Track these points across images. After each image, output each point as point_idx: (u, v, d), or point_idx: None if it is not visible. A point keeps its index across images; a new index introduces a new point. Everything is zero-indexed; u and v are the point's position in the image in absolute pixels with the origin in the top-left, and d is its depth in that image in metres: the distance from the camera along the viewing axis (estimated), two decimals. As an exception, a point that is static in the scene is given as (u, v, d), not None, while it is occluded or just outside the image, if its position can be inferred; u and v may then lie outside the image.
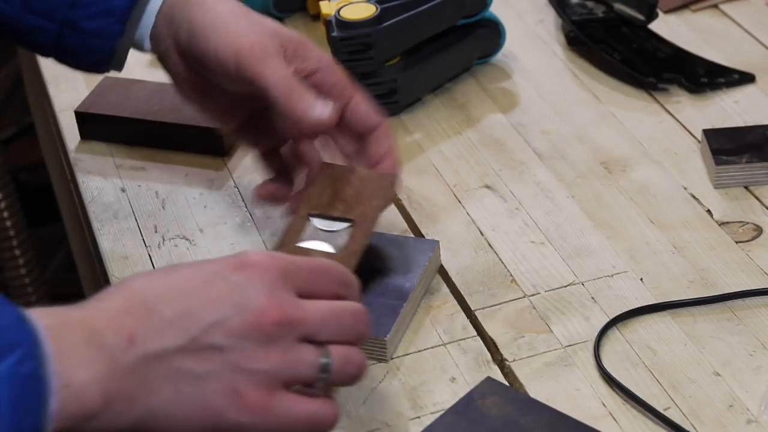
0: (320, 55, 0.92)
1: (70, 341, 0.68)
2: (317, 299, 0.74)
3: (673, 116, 1.12)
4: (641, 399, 0.83)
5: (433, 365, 0.87)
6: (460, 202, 1.03)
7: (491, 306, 0.92)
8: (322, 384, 0.73)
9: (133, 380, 0.69)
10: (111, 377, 0.68)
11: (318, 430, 0.73)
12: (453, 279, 0.95)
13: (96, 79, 1.19)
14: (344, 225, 0.89)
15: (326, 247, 0.87)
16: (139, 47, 0.97)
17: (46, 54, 0.99)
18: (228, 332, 0.70)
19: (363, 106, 0.93)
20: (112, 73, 1.19)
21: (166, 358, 0.70)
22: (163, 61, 0.96)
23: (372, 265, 0.93)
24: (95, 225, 1.03)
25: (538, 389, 0.85)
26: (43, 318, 0.68)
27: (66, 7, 0.94)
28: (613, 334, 0.89)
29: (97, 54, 0.96)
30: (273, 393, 0.71)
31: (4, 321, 0.66)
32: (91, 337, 0.68)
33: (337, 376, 0.73)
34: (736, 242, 0.97)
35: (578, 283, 0.94)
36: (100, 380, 0.68)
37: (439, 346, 0.89)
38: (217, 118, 0.98)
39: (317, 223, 0.90)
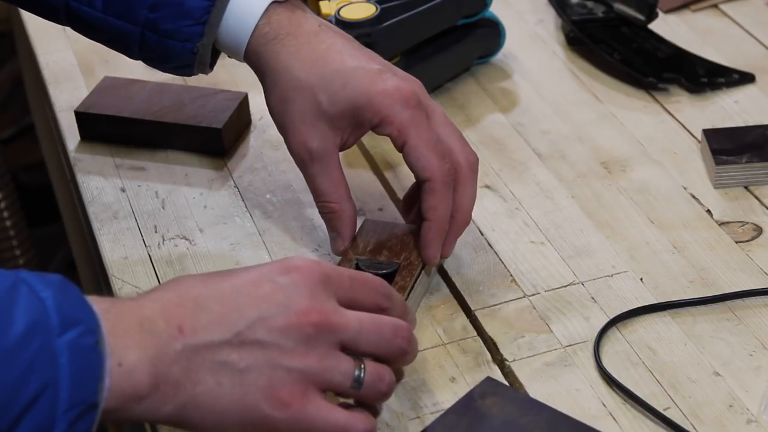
0: (372, 116, 0.90)
1: (124, 324, 0.72)
2: (358, 309, 0.77)
3: (673, 116, 1.12)
4: (641, 399, 0.83)
5: (433, 365, 0.87)
6: (460, 202, 1.03)
7: (491, 306, 0.92)
8: (351, 394, 0.76)
9: (180, 367, 0.72)
10: (160, 362, 0.71)
11: None
12: (453, 279, 0.95)
13: (96, 79, 1.19)
14: (391, 269, 0.90)
15: None
16: (235, 56, 0.96)
17: (133, 56, 0.98)
18: (270, 329, 0.73)
19: (411, 158, 0.90)
20: (113, 73, 1.20)
21: (212, 350, 0.73)
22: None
23: (376, 258, 0.93)
24: (95, 225, 1.03)
25: (538, 389, 0.85)
26: (97, 302, 0.71)
27: (147, 10, 0.94)
28: (613, 334, 0.89)
29: (179, 56, 0.96)
30: (307, 393, 0.74)
31: (69, 298, 0.70)
32: (143, 323, 0.72)
33: (367, 390, 0.76)
34: (736, 242, 0.97)
35: (578, 283, 0.94)
36: (150, 363, 0.71)
37: (439, 346, 0.89)
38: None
39: (363, 265, 0.91)
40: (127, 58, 0.99)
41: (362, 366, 0.75)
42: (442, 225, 0.90)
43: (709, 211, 1.00)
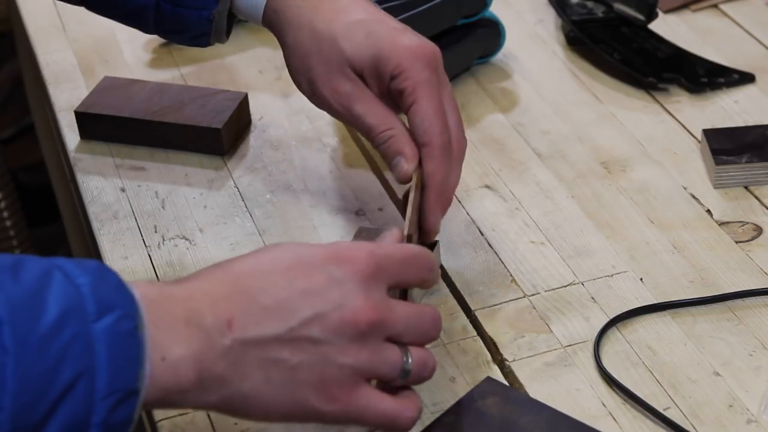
0: (393, 68, 0.89)
1: (170, 316, 0.70)
2: (404, 286, 0.78)
3: (673, 116, 1.12)
4: (641, 399, 0.83)
5: (433, 365, 0.87)
6: (460, 202, 1.03)
7: (491, 306, 0.92)
8: (398, 383, 0.76)
9: (227, 362, 0.71)
10: (206, 357, 0.70)
11: (396, 428, 0.76)
12: (453, 279, 0.95)
13: (96, 79, 1.19)
14: None
15: None
16: (253, 19, 0.96)
17: (148, 30, 0.98)
18: (324, 327, 0.73)
19: (416, 119, 0.89)
20: (113, 73, 1.20)
21: (263, 346, 0.72)
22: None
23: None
24: (95, 225, 1.03)
25: (538, 389, 0.85)
26: (144, 290, 0.70)
27: None
28: (613, 334, 0.89)
29: (195, 25, 0.95)
30: (357, 387, 0.74)
31: (106, 284, 0.68)
32: (191, 316, 0.71)
33: (414, 377, 0.77)
34: (736, 242, 0.97)
35: (578, 283, 0.94)
36: (196, 358, 0.70)
37: (439, 346, 0.89)
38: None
39: None
40: (127, 58, 0.99)
41: (408, 354, 0.76)
42: (440, 191, 0.89)
43: (709, 211, 1.00)
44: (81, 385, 0.66)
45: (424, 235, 0.90)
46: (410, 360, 0.76)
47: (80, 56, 1.25)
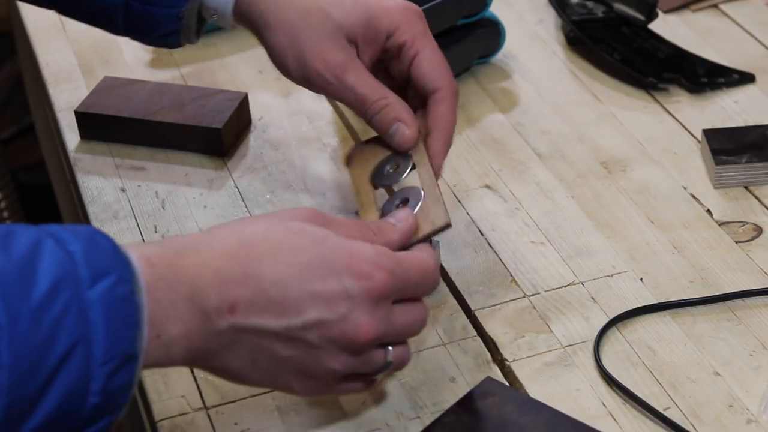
0: (389, 24, 0.91)
1: (175, 294, 0.71)
2: (409, 298, 0.79)
3: (673, 116, 1.12)
4: (641, 399, 0.83)
5: (433, 365, 0.87)
6: (460, 202, 1.03)
7: (491, 306, 0.92)
8: (377, 379, 0.79)
9: (219, 342, 0.73)
10: (200, 336, 0.72)
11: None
12: (453, 279, 0.95)
13: (96, 79, 1.19)
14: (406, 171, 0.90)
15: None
16: (223, 15, 0.96)
17: (117, 30, 0.99)
18: (324, 335, 0.74)
19: (423, 67, 0.91)
20: (113, 73, 1.20)
21: (258, 335, 0.73)
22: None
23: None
24: (95, 225, 1.03)
25: (538, 389, 0.85)
26: (154, 260, 0.70)
27: None
28: (613, 334, 0.89)
29: (164, 23, 0.96)
30: (336, 383, 0.77)
31: (100, 250, 0.68)
32: (195, 295, 0.71)
33: (391, 370, 0.79)
34: (736, 242, 0.97)
35: (578, 283, 0.94)
36: (190, 337, 0.71)
37: (439, 346, 0.89)
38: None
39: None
40: (127, 58, 0.99)
41: (389, 353, 0.78)
42: (450, 133, 0.91)
43: (709, 211, 1.00)
44: (77, 354, 0.65)
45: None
46: (390, 359, 0.78)
47: (80, 56, 1.26)
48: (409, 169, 0.90)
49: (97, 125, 1.13)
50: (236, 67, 1.23)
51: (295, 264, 0.74)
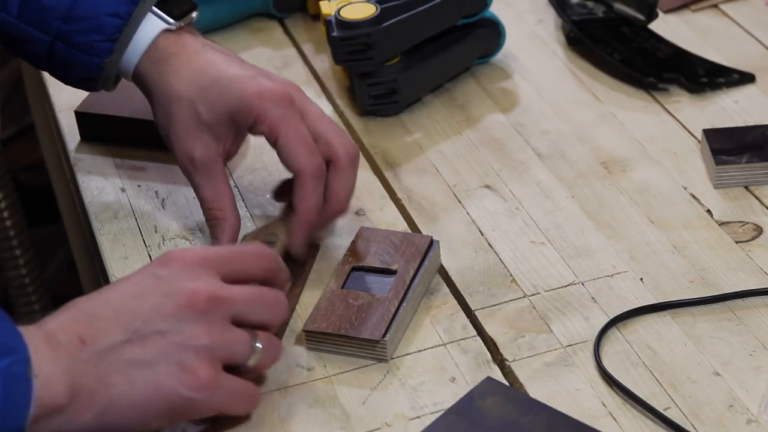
0: (247, 117, 0.94)
1: (34, 341, 0.74)
2: (244, 282, 0.81)
3: (673, 116, 1.12)
4: (641, 399, 0.83)
5: (433, 365, 0.87)
6: (460, 202, 1.03)
7: (491, 306, 0.92)
8: (251, 365, 0.80)
9: (91, 375, 0.75)
10: (72, 373, 0.74)
11: (252, 407, 0.82)
12: (453, 279, 0.95)
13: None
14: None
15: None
16: (125, 76, 1.00)
17: (38, 65, 1.01)
18: (165, 316, 0.77)
19: (283, 154, 0.93)
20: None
21: (116, 352, 0.76)
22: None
23: (372, 264, 0.93)
24: (95, 225, 1.03)
25: (538, 389, 0.85)
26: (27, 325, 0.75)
27: (60, 21, 0.97)
28: (613, 334, 0.89)
29: (85, 69, 0.98)
30: (218, 369, 0.78)
31: (4, 326, 0.73)
32: (48, 339, 0.75)
33: (264, 357, 0.81)
34: (736, 242, 0.97)
35: (578, 283, 0.94)
36: (64, 373, 0.74)
37: (439, 346, 0.89)
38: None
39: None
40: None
41: (257, 337, 0.80)
42: (309, 216, 0.93)
43: (709, 211, 1.00)
44: None
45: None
46: (259, 339, 0.80)
47: (80, 56, 1.25)
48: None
49: (97, 125, 1.13)
50: (236, 67, 1.22)
51: (109, 289, 0.79)
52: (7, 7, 0.97)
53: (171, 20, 0.97)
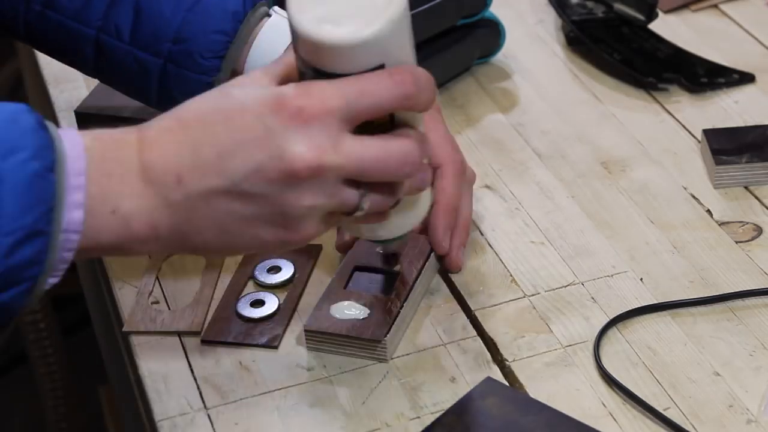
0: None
1: (124, 169, 0.72)
2: (378, 115, 0.74)
3: (673, 116, 1.12)
4: (641, 399, 0.83)
5: (433, 365, 0.87)
6: (460, 202, 1.03)
7: (491, 306, 0.92)
8: (360, 215, 0.76)
9: (181, 216, 0.73)
10: (160, 212, 0.73)
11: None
12: (453, 279, 0.95)
13: (96, 79, 1.19)
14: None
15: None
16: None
17: (148, 94, 0.99)
18: (268, 181, 0.72)
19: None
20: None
21: (211, 200, 0.73)
22: None
23: (372, 264, 0.93)
24: (95, 225, 1.03)
25: (538, 389, 0.85)
26: (97, 140, 0.74)
27: (170, 43, 0.95)
28: (613, 334, 0.89)
29: (194, 87, 0.95)
30: (320, 225, 0.76)
31: (17, 126, 0.71)
32: (145, 170, 0.73)
33: (369, 215, 0.77)
34: (736, 242, 0.97)
35: (578, 283, 0.94)
36: (149, 213, 0.73)
37: (439, 346, 0.89)
38: None
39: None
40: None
41: (366, 196, 0.75)
42: (449, 208, 0.92)
43: (709, 211, 1.00)
44: None
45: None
46: (367, 201, 0.75)
47: (80, 56, 1.25)
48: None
49: (97, 125, 1.12)
50: (236, 67, 1.23)
51: (220, 121, 0.73)
52: (120, 34, 0.96)
53: None
